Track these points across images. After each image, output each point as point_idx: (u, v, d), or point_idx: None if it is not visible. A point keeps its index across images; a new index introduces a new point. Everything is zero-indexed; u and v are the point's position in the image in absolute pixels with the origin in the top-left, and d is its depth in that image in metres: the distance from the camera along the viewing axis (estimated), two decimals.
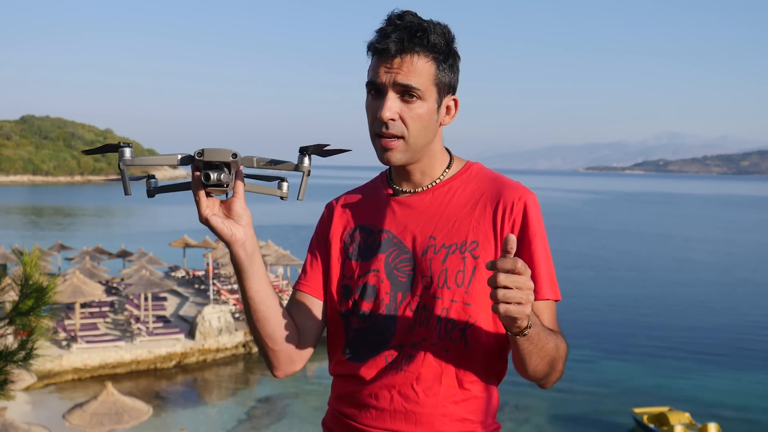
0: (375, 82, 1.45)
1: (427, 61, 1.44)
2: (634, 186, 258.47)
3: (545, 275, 1.49)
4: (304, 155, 1.33)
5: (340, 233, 1.64)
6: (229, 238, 1.38)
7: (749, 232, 71.79)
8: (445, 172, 1.57)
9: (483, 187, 1.55)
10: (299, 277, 1.66)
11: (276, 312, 1.50)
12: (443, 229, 1.52)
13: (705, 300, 34.99)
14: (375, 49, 1.45)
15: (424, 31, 1.42)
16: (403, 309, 1.52)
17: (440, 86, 1.47)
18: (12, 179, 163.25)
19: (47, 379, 21.12)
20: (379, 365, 1.52)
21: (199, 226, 43.45)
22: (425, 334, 1.49)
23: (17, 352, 2.71)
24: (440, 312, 1.48)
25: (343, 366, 1.58)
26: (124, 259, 34.05)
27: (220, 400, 21.25)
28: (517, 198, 1.50)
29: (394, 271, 1.54)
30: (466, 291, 1.47)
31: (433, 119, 1.48)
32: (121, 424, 13.80)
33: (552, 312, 1.51)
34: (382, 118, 1.44)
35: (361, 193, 1.68)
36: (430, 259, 1.50)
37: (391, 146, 1.47)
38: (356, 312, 1.56)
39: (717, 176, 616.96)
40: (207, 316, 24.44)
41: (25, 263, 2.71)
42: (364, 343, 1.54)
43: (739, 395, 20.76)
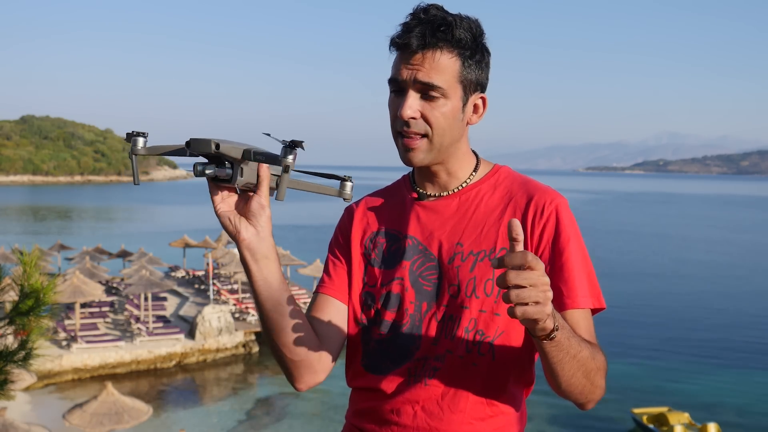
0: (396, 79, 1.38)
1: (451, 57, 1.36)
2: (634, 186, 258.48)
3: (582, 281, 1.39)
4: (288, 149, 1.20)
5: (360, 238, 1.55)
6: (234, 236, 1.33)
7: (749, 232, 71.79)
8: (472, 175, 1.49)
9: (512, 191, 1.46)
10: (321, 281, 1.56)
11: (292, 319, 1.40)
12: (471, 236, 1.44)
13: (704, 300, 35.00)
14: (396, 44, 1.38)
15: (449, 25, 1.35)
16: (428, 319, 1.43)
17: (466, 83, 1.39)
18: (12, 179, 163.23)
19: (47, 379, 21.12)
20: (402, 379, 1.44)
21: (199, 226, 43.18)
22: (451, 346, 1.41)
23: (17, 352, 2.71)
24: (468, 323, 1.40)
25: (362, 378, 1.50)
26: (124, 259, 34.04)
27: (220, 400, 21.24)
28: (548, 201, 1.42)
29: (419, 279, 1.46)
30: (495, 300, 1.39)
31: (457, 118, 1.40)
32: (121, 424, 13.80)
33: (589, 322, 1.39)
34: (402, 117, 1.36)
35: (383, 197, 1.59)
36: (458, 266, 1.42)
37: (413, 146, 1.39)
38: (378, 322, 1.48)
39: (717, 176, 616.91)
40: (207, 316, 24.44)
41: (25, 263, 2.71)
42: (386, 354, 1.46)
43: (738, 395, 20.77)
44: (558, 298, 1.37)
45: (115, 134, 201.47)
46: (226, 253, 31.45)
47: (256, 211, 1.30)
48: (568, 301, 1.37)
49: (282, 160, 1.20)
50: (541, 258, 1.39)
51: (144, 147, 1.24)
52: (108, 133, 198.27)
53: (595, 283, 1.41)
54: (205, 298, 29.18)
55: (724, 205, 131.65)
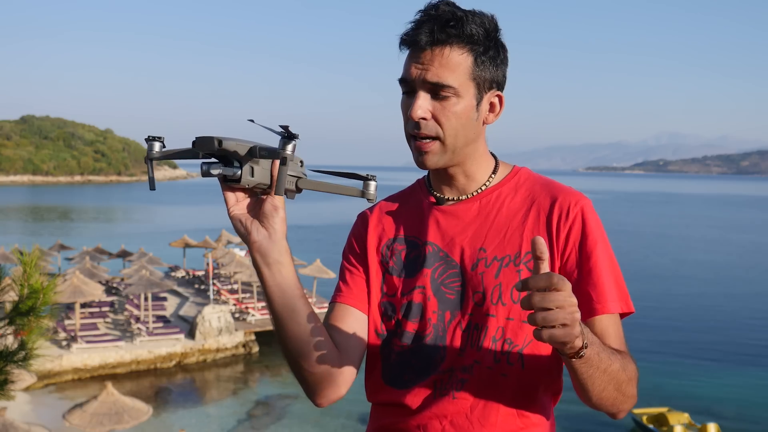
0: (406, 79, 1.33)
1: (462, 53, 1.30)
2: (634, 186, 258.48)
3: (611, 286, 1.34)
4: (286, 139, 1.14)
5: (376, 245, 1.48)
6: (244, 238, 1.26)
7: (749, 232, 71.79)
8: (491, 177, 1.43)
9: (534, 193, 1.41)
10: (337, 290, 1.48)
11: (309, 328, 1.31)
12: (494, 240, 1.38)
13: (704, 300, 35.00)
14: (405, 42, 1.33)
15: (459, 20, 1.29)
16: (452, 329, 1.37)
17: (479, 81, 1.33)
18: (12, 179, 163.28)
19: (47, 379, 21.12)
20: (427, 392, 1.37)
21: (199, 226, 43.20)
22: (478, 357, 1.34)
23: (17, 352, 2.71)
24: (495, 331, 1.34)
25: (384, 393, 1.43)
26: (124, 259, 34.03)
27: (220, 400, 21.24)
28: (573, 203, 1.36)
29: (441, 287, 1.39)
30: None
31: (471, 117, 1.33)
32: (121, 424, 13.79)
33: (618, 328, 1.35)
34: (413, 118, 1.31)
35: (398, 202, 1.52)
36: (482, 273, 1.36)
37: (425, 149, 1.33)
38: (399, 333, 1.41)
39: (717, 176, 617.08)
40: (207, 316, 24.44)
41: (25, 263, 2.71)
42: (409, 367, 1.39)
43: (738, 395, 20.77)
44: (587, 303, 1.32)
45: (115, 134, 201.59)
46: (226, 253, 31.44)
47: (268, 212, 1.23)
48: (597, 307, 1.33)
49: (279, 152, 1.14)
50: (568, 262, 1.35)
51: (160, 151, 1.19)
52: (108, 133, 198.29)
53: (624, 287, 1.37)
54: (205, 298, 29.18)
55: (724, 205, 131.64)
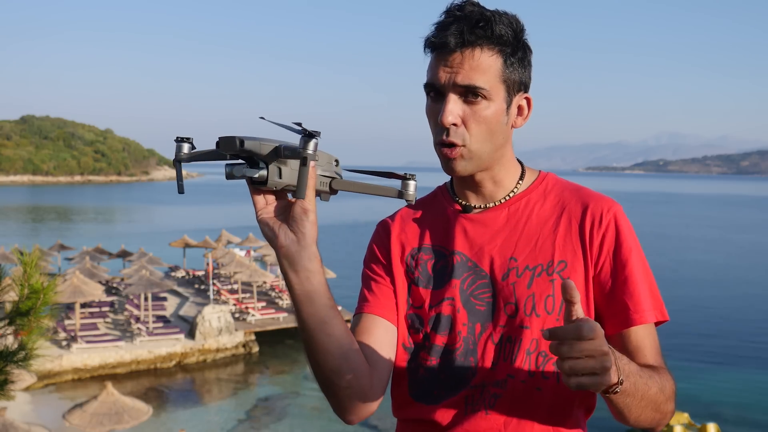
0: (434, 83, 1.28)
1: (492, 55, 1.26)
2: (634, 186, 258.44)
3: (646, 295, 1.30)
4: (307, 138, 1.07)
5: (400, 255, 1.42)
6: (271, 243, 1.17)
7: (748, 232, 71.78)
8: (519, 183, 1.38)
9: (564, 199, 1.37)
10: (362, 300, 1.42)
11: (340, 340, 1.23)
12: (525, 249, 1.33)
13: (703, 300, 35.00)
14: (432, 44, 1.28)
15: (488, 20, 1.26)
16: (483, 342, 1.32)
17: (509, 83, 1.29)
18: (12, 179, 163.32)
19: (47, 379, 21.12)
20: (458, 408, 1.31)
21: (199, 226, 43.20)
22: (512, 371, 1.29)
23: (17, 352, 2.71)
24: (529, 344, 1.29)
25: (412, 409, 1.37)
26: (124, 259, 34.03)
27: (220, 400, 21.24)
28: (606, 210, 1.33)
29: (470, 298, 1.34)
30: (557, 318, 1.29)
31: (501, 121, 1.30)
32: (121, 424, 13.79)
33: (654, 338, 1.32)
34: (443, 124, 1.26)
35: (420, 209, 1.46)
36: (513, 283, 1.31)
37: (452, 155, 1.29)
38: (427, 347, 1.36)
39: (717, 176, 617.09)
40: (207, 316, 24.45)
41: (25, 263, 2.71)
42: (438, 382, 1.34)
43: (738, 395, 20.77)
44: (623, 313, 1.30)
45: (115, 134, 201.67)
46: (226, 253, 31.45)
47: (298, 216, 1.14)
48: (635, 317, 1.30)
49: (300, 151, 1.06)
50: (602, 271, 1.32)
51: (189, 153, 1.12)
52: (108, 133, 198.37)
53: (658, 295, 1.33)
54: (205, 298, 29.18)
55: (724, 205, 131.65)
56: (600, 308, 1.33)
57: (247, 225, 54.74)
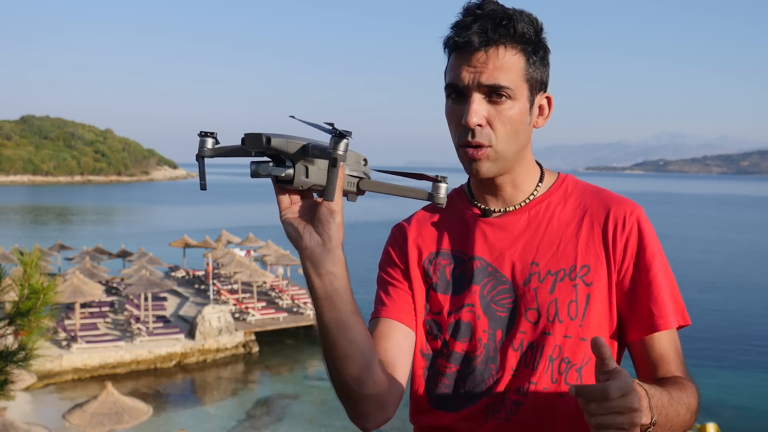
0: (456, 84, 1.25)
1: (515, 54, 1.24)
2: (634, 186, 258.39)
3: (669, 300, 1.29)
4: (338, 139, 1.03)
5: (417, 260, 1.39)
6: (296, 244, 1.11)
7: (748, 232, 71.80)
8: (539, 186, 1.36)
9: (585, 202, 1.34)
10: (379, 304, 1.39)
11: (361, 346, 1.18)
12: (547, 254, 1.31)
13: (702, 300, 34.98)
14: (455, 44, 1.24)
15: (510, 19, 1.23)
16: (504, 349, 1.30)
17: (532, 82, 1.27)
18: (12, 179, 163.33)
19: (47, 379, 21.12)
20: (479, 416, 1.29)
21: (199, 226, 43.19)
22: (534, 378, 1.27)
23: (17, 352, 2.71)
24: (552, 351, 1.27)
25: (430, 416, 1.35)
26: (124, 259, 34.04)
27: (220, 400, 21.25)
28: (629, 213, 1.30)
29: (491, 305, 1.32)
30: (580, 324, 1.27)
31: (525, 122, 1.27)
32: (121, 424, 13.80)
33: (677, 343, 1.29)
34: (469, 125, 1.23)
35: (437, 213, 1.43)
36: (535, 288, 1.29)
37: (478, 156, 1.26)
38: (447, 353, 1.34)
39: (717, 176, 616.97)
40: (207, 316, 24.45)
41: (25, 263, 2.71)
42: (459, 389, 1.32)
43: (737, 395, 20.78)
44: (647, 317, 1.28)
45: (115, 134, 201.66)
46: (226, 253, 31.45)
47: (324, 217, 1.08)
48: (660, 322, 1.28)
49: (330, 152, 1.02)
50: (626, 275, 1.30)
51: (212, 148, 1.07)
52: (108, 133, 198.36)
53: (680, 299, 1.32)
54: (205, 298, 29.18)
55: (723, 205, 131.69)
56: (623, 313, 1.31)
57: (247, 225, 54.64)
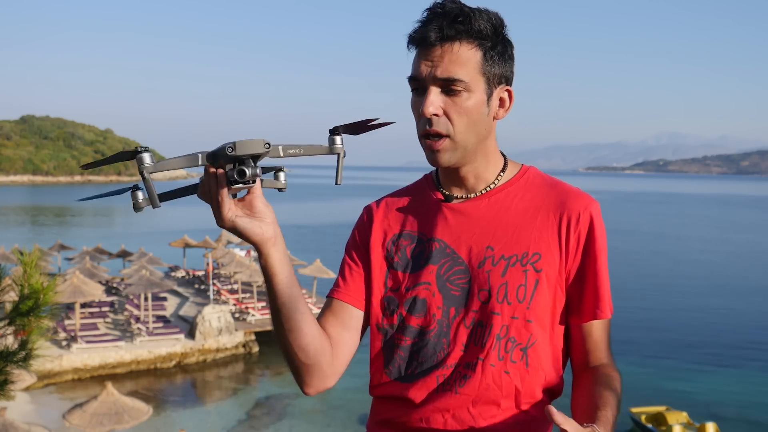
0: (416, 76, 1.34)
1: (471, 48, 1.31)
2: (634, 186, 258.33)
3: (606, 292, 1.39)
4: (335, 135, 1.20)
5: (381, 240, 1.48)
6: (260, 238, 1.21)
7: (748, 232, 71.76)
8: (500, 175, 1.43)
9: (543, 193, 1.42)
10: (335, 285, 1.49)
11: (310, 321, 1.33)
12: (502, 239, 1.39)
13: (702, 300, 34.99)
14: (414, 40, 1.34)
15: (467, 16, 1.31)
16: (456, 325, 1.38)
17: (489, 76, 1.34)
18: (12, 179, 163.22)
19: (47, 379, 21.13)
20: (430, 387, 1.39)
21: (199, 226, 42.82)
22: (482, 354, 1.36)
23: (17, 352, 2.72)
24: (499, 330, 1.35)
25: (387, 387, 1.44)
26: (124, 259, 34.04)
27: (220, 400, 21.25)
28: (583, 208, 1.38)
29: (446, 284, 1.40)
30: (527, 307, 1.36)
31: (482, 113, 1.34)
32: (121, 424, 13.80)
33: (608, 330, 1.43)
34: (425, 114, 1.32)
35: (405, 197, 1.52)
36: (488, 271, 1.37)
37: (437, 147, 1.34)
38: (403, 328, 1.42)
39: (717, 176, 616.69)
40: (207, 316, 24.45)
41: (25, 263, 2.72)
42: (414, 362, 1.41)
43: (737, 395, 20.78)
44: (589, 305, 1.39)
45: (115, 134, 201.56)
46: (226, 253, 31.44)
47: (265, 209, 1.21)
48: (598, 312, 1.39)
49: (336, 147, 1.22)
50: (574, 265, 1.39)
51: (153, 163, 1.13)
52: (108, 133, 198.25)
53: (609, 292, 1.42)
54: (205, 298, 29.18)
55: (723, 205, 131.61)
56: (569, 300, 1.41)
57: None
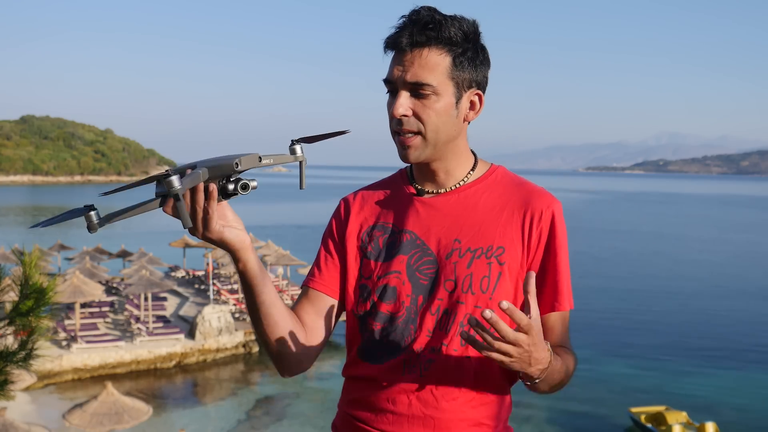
0: (389, 79, 1.43)
1: (440, 54, 1.40)
2: (634, 186, 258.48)
3: (566, 286, 1.48)
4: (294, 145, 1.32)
5: (357, 231, 1.58)
6: (241, 245, 1.32)
7: (747, 232, 71.79)
8: (470, 173, 1.53)
9: (509, 192, 1.51)
10: (310, 274, 1.60)
11: (286, 314, 1.45)
12: (469, 233, 1.48)
13: (701, 300, 35.00)
14: (388, 44, 1.43)
15: (437, 23, 1.39)
16: (423, 312, 1.48)
17: (458, 80, 1.42)
18: (12, 179, 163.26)
19: (47, 379, 21.12)
20: (398, 369, 1.48)
21: None
22: (446, 340, 1.45)
23: (17, 352, 2.71)
24: (463, 318, 1.45)
25: (358, 368, 1.54)
26: (124, 259, 34.05)
27: (220, 400, 21.25)
28: (546, 206, 1.47)
29: (416, 273, 1.49)
30: (490, 297, 1.44)
31: (451, 114, 1.43)
32: (121, 424, 13.80)
33: (566, 322, 1.51)
34: (395, 115, 1.41)
35: (380, 190, 1.62)
36: (455, 262, 1.46)
37: (408, 143, 1.43)
38: (375, 314, 1.51)
39: (717, 176, 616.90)
40: (207, 316, 24.45)
41: (25, 263, 2.71)
42: (382, 345, 1.50)
43: (736, 394, 20.79)
44: (548, 298, 1.48)
45: (115, 134, 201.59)
46: (225, 253, 31.37)
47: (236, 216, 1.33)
48: (556, 305, 1.48)
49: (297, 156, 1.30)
50: (535, 259, 1.48)
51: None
52: (108, 133, 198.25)
53: (570, 285, 1.51)
54: (205, 298, 29.18)
55: (723, 205, 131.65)
56: None
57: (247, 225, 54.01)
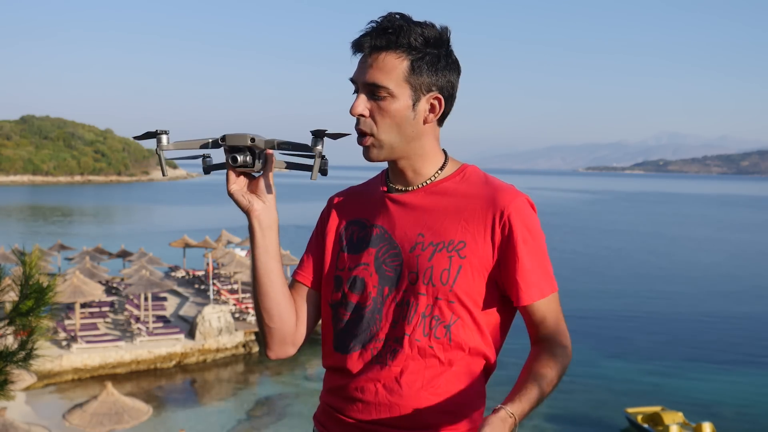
0: (352, 80, 1.52)
1: (398, 58, 1.46)
2: (634, 186, 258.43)
3: (536, 274, 1.50)
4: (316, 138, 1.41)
5: (336, 226, 1.68)
6: (245, 208, 1.48)
7: (746, 231, 71.80)
8: (438, 172, 1.58)
9: (475, 189, 1.56)
10: (298, 266, 1.71)
11: (278, 289, 1.56)
12: (432, 228, 1.54)
13: (699, 300, 35.02)
14: (353, 47, 1.51)
15: (397, 29, 1.45)
16: (389, 303, 1.54)
17: (415, 84, 1.47)
18: (12, 179, 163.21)
19: (47, 379, 21.14)
20: (366, 358, 1.54)
21: (199, 226, 43.39)
22: (408, 330, 1.51)
23: (17, 352, 2.72)
24: (425, 308, 1.50)
25: (332, 358, 1.61)
26: (124, 259, 34.07)
27: (220, 400, 21.26)
28: (508, 202, 1.50)
29: (382, 265, 1.57)
30: (450, 289, 1.49)
31: (407, 117, 1.49)
32: (121, 424, 13.81)
33: (555, 305, 1.53)
34: (351, 114, 1.49)
35: (360, 189, 1.72)
36: (417, 255, 1.52)
37: (364, 143, 1.51)
38: (345, 303, 1.59)
39: (717, 176, 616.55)
40: (207, 316, 24.46)
41: (25, 263, 2.71)
42: (352, 335, 1.57)
43: (732, 394, 20.80)
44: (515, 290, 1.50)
45: (115, 134, 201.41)
46: (226, 254, 31.45)
47: (264, 189, 1.49)
48: (525, 297, 1.50)
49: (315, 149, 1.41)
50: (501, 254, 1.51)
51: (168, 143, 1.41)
52: (108, 133, 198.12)
53: (550, 271, 1.53)
54: (205, 298, 29.19)
55: (723, 205, 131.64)
56: (503, 286, 1.53)
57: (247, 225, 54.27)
